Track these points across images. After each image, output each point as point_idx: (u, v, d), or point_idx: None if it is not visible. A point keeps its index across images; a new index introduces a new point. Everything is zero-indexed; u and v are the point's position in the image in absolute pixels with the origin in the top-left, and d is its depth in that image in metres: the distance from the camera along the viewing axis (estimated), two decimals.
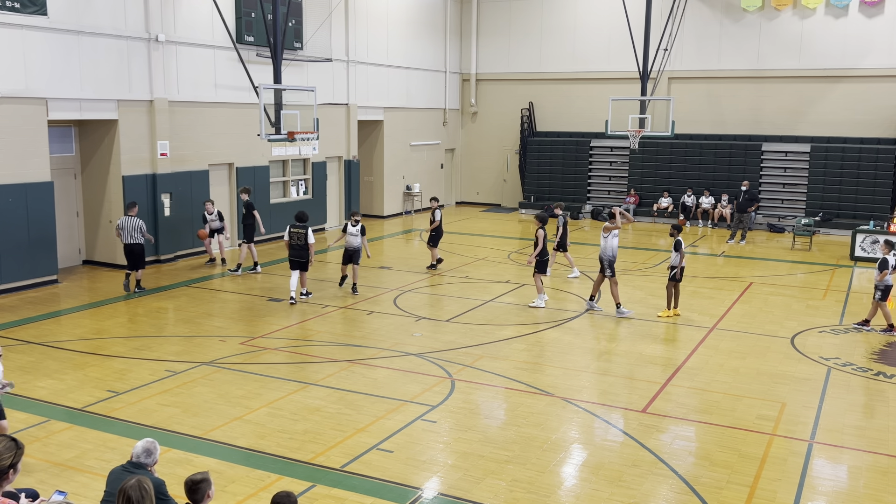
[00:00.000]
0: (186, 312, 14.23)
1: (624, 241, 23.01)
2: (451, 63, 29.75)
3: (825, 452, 8.57)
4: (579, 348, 12.29)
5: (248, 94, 18.99)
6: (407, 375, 10.88)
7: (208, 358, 11.54)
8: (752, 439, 8.84)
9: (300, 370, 11.08)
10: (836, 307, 15.07)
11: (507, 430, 9.09)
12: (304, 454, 8.35)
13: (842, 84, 25.04)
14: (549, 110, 29.44)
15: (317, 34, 22.14)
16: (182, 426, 9.06)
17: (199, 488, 5.09)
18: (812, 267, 19.14)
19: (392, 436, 8.81)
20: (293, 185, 22.72)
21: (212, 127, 19.46)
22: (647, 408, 9.80)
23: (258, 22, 19.64)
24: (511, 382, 10.65)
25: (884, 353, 12.11)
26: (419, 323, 13.57)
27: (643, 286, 16.65)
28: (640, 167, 27.39)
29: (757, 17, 25.74)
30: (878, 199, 24.01)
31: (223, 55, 19.40)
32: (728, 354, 11.98)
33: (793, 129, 25.85)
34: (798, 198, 25.36)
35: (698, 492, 7.60)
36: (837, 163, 24.74)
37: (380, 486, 7.66)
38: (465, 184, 31.44)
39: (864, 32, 24.46)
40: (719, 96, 26.75)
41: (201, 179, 19.27)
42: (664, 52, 25.24)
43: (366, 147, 26.53)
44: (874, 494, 7.60)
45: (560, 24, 28.63)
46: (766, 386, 10.61)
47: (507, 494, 7.52)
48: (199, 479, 5.13)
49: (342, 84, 23.93)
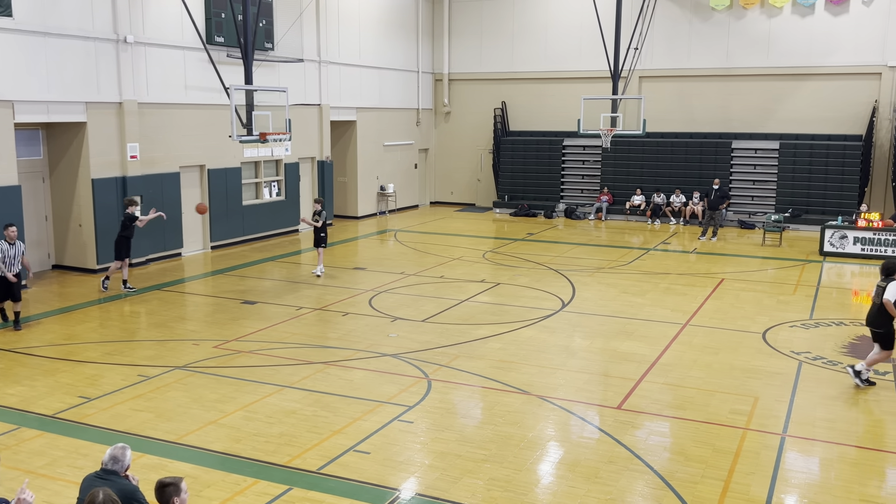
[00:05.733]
0: (159, 316, 14.08)
1: (597, 238, 23.18)
2: (423, 63, 29.74)
3: (797, 445, 8.69)
4: (555, 346, 12.34)
5: (219, 95, 18.82)
6: (383, 376, 10.85)
7: (181, 362, 11.42)
8: (726, 434, 8.94)
9: (275, 373, 11.02)
10: (806, 302, 15.29)
11: (483, 428, 9.11)
12: (281, 457, 8.30)
13: (809, 82, 25.41)
14: (521, 110, 29.54)
15: (288, 34, 22.02)
16: (156, 431, 8.96)
17: (165, 492, 5.02)
18: (782, 262, 19.39)
19: (369, 437, 8.79)
20: (266, 187, 22.57)
21: (182, 129, 19.27)
22: (622, 404, 9.87)
23: (228, 22, 19.48)
24: (487, 381, 10.67)
25: (853, 347, 12.30)
26: (395, 323, 13.55)
27: (617, 283, 16.76)
28: (613, 166, 27.57)
29: (725, 15, 26.03)
30: (846, 194, 24.39)
31: (193, 56, 19.22)
32: (701, 350, 12.10)
33: (762, 127, 26.19)
34: (768, 194, 25.69)
35: (674, 487, 7.67)
36: (806, 159, 25.10)
37: (357, 488, 7.64)
38: (440, 184, 31.44)
39: (830, 31, 24.84)
40: (689, 95, 27.02)
41: (172, 182, 19.08)
42: (635, 51, 25.43)
43: (339, 148, 26.43)
44: (845, 486, 7.72)
45: (531, 24, 28.74)
46: (739, 381, 10.73)
47: (485, 493, 7.53)
48: (167, 482, 5.07)
49: (314, 84, 23.82)
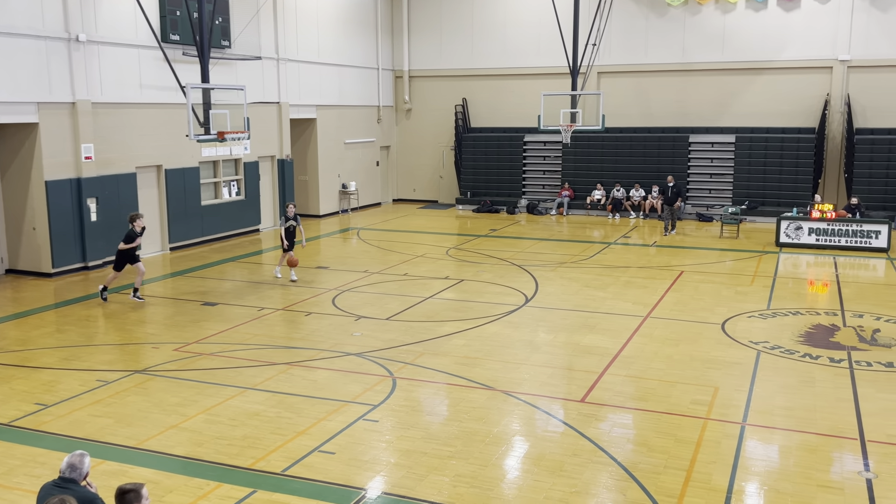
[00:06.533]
0: (117, 319, 13.83)
1: (559, 233, 23.34)
2: (383, 60, 29.63)
3: (757, 433, 8.85)
4: (518, 341, 12.40)
5: (175, 94, 18.52)
6: (347, 376, 10.80)
7: (141, 366, 11.24)
8: (688, 424, 9.07)
9: (237, 375, 10.90)
10: (763, 292, 15.57)
11: (449, 425, 9.12)
12: (244, 460, 8.21)
13: (763, 76, 25.87)
14: (482, 106, 29.61)
15: (245, 32, 21.77)
16: (115, 437, 8.80)
17: (125, 498, 4.92)
18: (740, 254, 19.73)
19: (333, 437, 8.74)
20: (225, 187, 22.30)
21: (138, 128, 18.95)
22: (585, 397, 9.95)
23: (184, 20, 19.18)
24: (452, 378, 10.68)
25: (809, 336, 12.57)
26: (359, 322, 13.49)
27: (579, 278, 16.90)
28: (573, 161, 27.78)
29: (681, 11, 26.37)
30: (800, 186, 24.90)
31: (148, 55, 18.90)
32: (662, 342, 12.26)
33: (718, 121, 26.60)
34: (725, 187, 26.11)
35: (637, 478, 7.76)
36: (761, 152, 25.56)
37: (322, 489, 7.59)
38: (402, 181, 31.38)
39: (783, 26, 25.32)
40: (647, 90, 27.32)
41: (129, 182, 18.75)
42: (593, 47, 25.63)
43: (299, 146, 26.22)
44: (804, 472, 7.88)
45: (490, 20, 28.81)
46: (699, 371, 10.90)
47: (451, 490, 7.54)
48: (128, 489, 4.97)
49: (273, 82, 23.60)
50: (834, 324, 13.29)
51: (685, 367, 11.09)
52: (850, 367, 11.03)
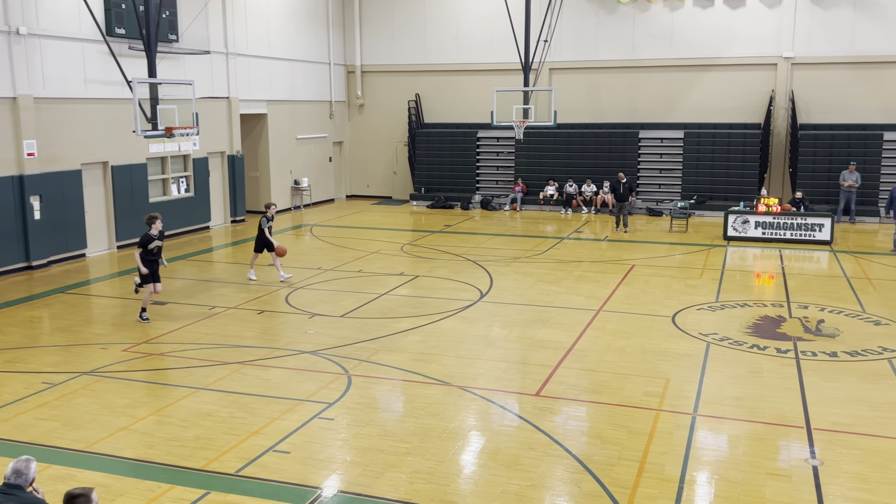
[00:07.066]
0: (63, 321, 13.48)
1: (513, 229, 23.47)
2: (335, 55, 29.39)
3: (707, 424, 9.02)
4: (474, 336, 12.44)
5: (121, 88, 18.15)
6: (302, 374, 10.70)
7: (89, 367, 10.97)
8: (640, 415, 9.21)
9: (188, 375, 10.71)
10: (712, 285, 15.88)
11: (405, 422, 9.10)
12: (197, 461, 8.08)
13: (710, 73, 26.36)
14: (435, 102, 29.59)
15: (193, 26, 21.38)
16: (63, 440, 8.58)
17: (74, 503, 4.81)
18: (689, 248, 20.09)
19: (288, 436, 8.65)
20: (174, 183, 21.89)
21: (83, 124, 18.47)
22: (540, 391, 10.03)
23: (129, 13, 18.74)
24: (408, 374, 10.67)
25: (757, 327, 12.86)
26: (313, 320, 13.38)
27: (533, 272, 17.02)
28: (526, 157, 27.95)
29: (631, 8, 26.71)
30: (747, 181, 25.45)
31: (93, 48, 18.43)
32: (614, 335, 12.42)
33: (667, 117, 27.02)
34: (674, 182, 26.55)
35: (591, 470, 7.84)
36: (709, 147, 26.06)
37: (277, 489, 7.51)
38: (355, 177, 31.20)
39: (729, 23, 25.83)
40: (598, 86, 27.62)
41: (74, 180, 18.28)
42: (544, 44, 25.81)
43: (250, 141, 25.87)
44: (753, 460, 8.06)
45: (443, 16, 28.79)
46: (651, 363, 11.07)
47: (408, 487, 7.53)
48: (77, 493, 4.85)
49: (222, 77, 23.23)
50: (780, 315, 13.63)
51: (637, 359, 11.25)
52: (796, 357, 11.32)
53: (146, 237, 13.20)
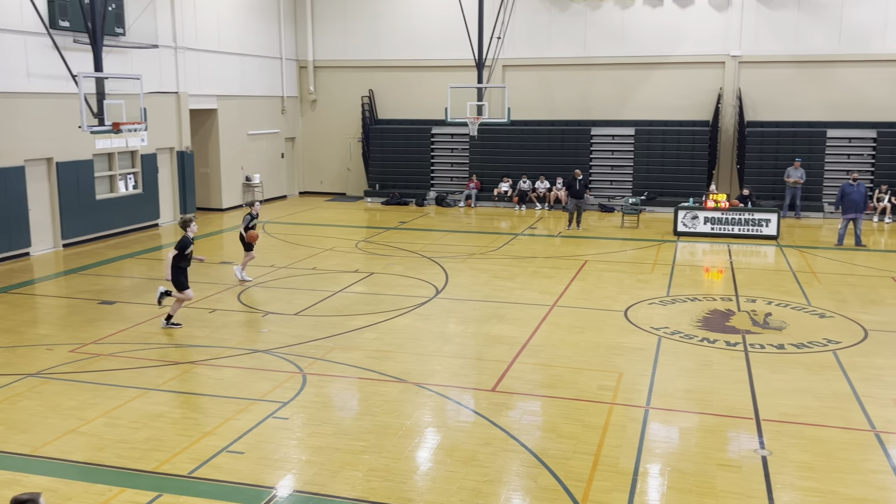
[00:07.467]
0: (6, 321, 13.08)
1: (468, 225, 23.52)
2: (286, 49, 29.07)
3: (660, 416, 9.17)
4: (429, 333, 12.43)
5: (66, 83, 17.68)
6: (255, 373, 10.57)
7: (34, 369, 10.68)
8: (594, 409, 9.31)
9: (138, 376, 10.50)
10: (663, 280, 16.14)
11: (361, 420, 9.06)
12: (148, 463, 7.92)
13: (660, 70, 26.76)
14: (389, 98, 29.47)
15: (140, 19, 20.93)
16: (8, 444, 8.33)
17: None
18: (640, 243, 20.39)
19: (242, 436, 8.54)
20: (121, 180, 21.42)
21: (26, 119, 17.95)
22: (496, 386, 10.07)
23: (74, 6, 18.26)
24: (363, 372, 10.61)
25: (706, 321, 13.11)
26: (266, 318, 13.23)
27: (488, 269, 17.08)
28: (480, 153, 28.02)
29: (583, 6, 26.96)
30: (696, 177, 25.92)
31: (35, 42, 17.91)
32: (568, 330, 12.54)
33: (618, 114, 27.36)
34: (625, 179, 26.91)
35: (547, 464, 7.91)
36: (659, 145, 26.47)
37: (231, 490, 7.41)
38: (308, 173, 30.91)
39: (678, 22, 26.26)
40: (551, 83, 27.83)
41: (16, 176, 17.75)
42: (498, 41, 25.89)
43: (200, 137, 25.44)
44: (704, 452, 8.22)
45: (396, 12, 28.69)
46: (605, 357, 11.20)
47: (364, 485, 7.49)
48: (24, 498, 4.70)
49: (170, 71, 22.80)
50: (729, 309, 13.91)
51: (591, 353, 11.38)
52: (744, 349, 11.57)
53: (185, 240, 12.47)
